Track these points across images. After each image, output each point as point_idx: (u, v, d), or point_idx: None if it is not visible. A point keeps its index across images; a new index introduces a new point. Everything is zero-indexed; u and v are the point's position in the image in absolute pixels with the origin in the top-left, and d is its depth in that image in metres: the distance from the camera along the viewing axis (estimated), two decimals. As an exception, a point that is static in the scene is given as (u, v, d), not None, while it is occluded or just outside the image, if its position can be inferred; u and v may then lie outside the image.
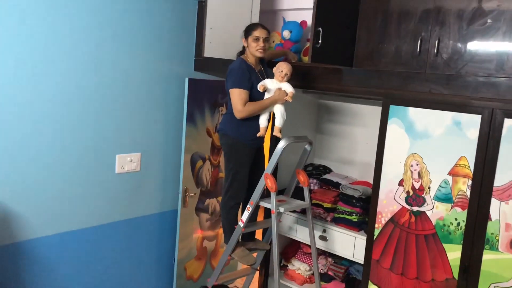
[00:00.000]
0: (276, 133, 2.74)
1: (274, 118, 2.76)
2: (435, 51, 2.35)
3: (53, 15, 2.66)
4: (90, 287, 3.13)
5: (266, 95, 2.70)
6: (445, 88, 2.33)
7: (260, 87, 2.64)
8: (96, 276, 3.16)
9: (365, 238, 2.74)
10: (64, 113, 2.81)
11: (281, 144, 2.65)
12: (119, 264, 3.28)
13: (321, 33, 2.43)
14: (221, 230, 3.68)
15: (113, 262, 3.24)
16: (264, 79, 2.76)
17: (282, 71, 2.67)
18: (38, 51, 2.64)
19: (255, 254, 3.02)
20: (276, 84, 2.69)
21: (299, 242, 3.40)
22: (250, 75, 2.70)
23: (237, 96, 2.65)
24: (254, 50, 2.71)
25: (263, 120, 2.74)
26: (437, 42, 2.34)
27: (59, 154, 2.82)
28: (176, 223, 3.45)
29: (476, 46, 2.24)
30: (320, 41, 2.43)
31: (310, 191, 3.17)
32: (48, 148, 2.77)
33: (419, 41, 2.40)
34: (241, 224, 2.74)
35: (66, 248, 2.95)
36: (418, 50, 2.40)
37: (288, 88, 2.69)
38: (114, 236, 3.21)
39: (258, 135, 2.73)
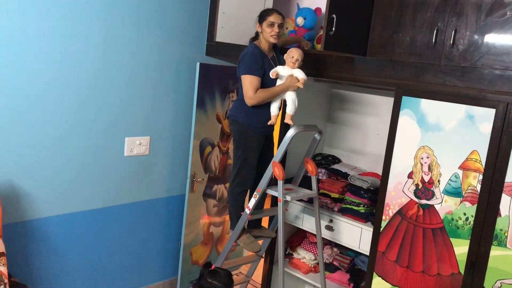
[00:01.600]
0: (288, 120, 2.71)
1: (285, 105, 2.74)
2: (451, 42, 2.30)
3: (65, -5, 2.65)
4: (96, 268, 3.17)
5: (278, 82, 2.67)
6: (460, 80, 2.29)
7: (272, 73, 2.61)
8: (102, 257, 3.19)
9: (371, 229, 2.72)
10: (74, 95, 2.82)
11: (290, 133, 2.63)
12: (125, 246, 3.31)
13: (335, 20, 2.39)
14: (227, 217, 3.68)
15: (120, 244, 3.27)
16: (276, 65, 2.73)
17: (293, 57, 2.64)
18: (49, 33, 2.64)
19: (260, 242, 3.03)
20: (288, 71, 2.66)
21: (305, 231, 3.40)
22: (263, 61, 2.67)
23: (248, 82, 2.62)
24: (269, 35, 2.68)
25: (274, 108, 2.71)
26: (453, 33, 2.29)
27: (69, 135, 2.83)
28: (184, 208, 3.47)
29: (493, 38, 2.19)
30: (333, 29, 2.40)
31: (318, 180, 3.15)
32: (58, 130, 2.78)
33: (435, 32, 2.35)
34: (247, 211, 2.74)
35: (73, 229, 2.98)
36: (433, 40, 2.36)
37: (299, 74, 2.65)
38: (121, 218, 3.23)
39: (269, 123, 2.71)
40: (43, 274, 2.87)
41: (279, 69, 2.66)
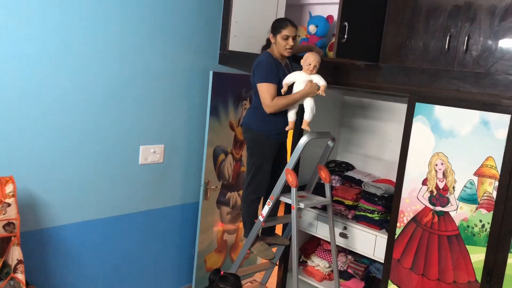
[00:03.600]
0: (305, 126, 2.68)
1: (302, 111, 2.72)
2: (464, 48, 2.29)
3: (79, 4, 2.70)
4: (112, 275, 3.19)
5: (296, 89, 2.64)
6: (474, 86, 2.27)
7: (284, 85, 2.60)
8: (118, 264, 3.21)
9: (386, 236, 2.70)
10: (89, 104, 2.86)
11: (303, 140, 2.63)
12: (140, 253, 3.33)
13: (347, 28, 2.39)
14: (241, 224, 3.69)
15: (134, 252, 3.30)
16: (290, 73, 2.72)
17: (310, 64, 2.59)
18: (65, 42, 2.69)
19: (274, 249, 3.02)
20: (306, 77, 2.62)
21: (319, 239, 3.38)
22: (278, 69, 2.68)
23: (265, 90, 2.63)
24: (283, 49, 2.66)
25: (291, 114, 2.69)
26: (466, 38, 2.28)
27: (85, 144, 2.88)
28: (197, 215, 3.48)
29: (507, 43, 2.17)
30: (346, 36, 2.40)
31: (332, 187, 3.14)
32: (74, 139, 2.82)
33: (448, 38, 2.34)
34: (261, 218, 2.74)
35: (89, 236, 3.01)
36: (446, 46, 2.35)
37: (319, 80, 2.60)
38: (136, 226, 3.26)
39: (287, 128, 2.70)
40: (60, 282, 2.91)
41: (297, 75, 2.63)
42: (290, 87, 2.65)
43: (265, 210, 2.73)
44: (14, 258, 2.28)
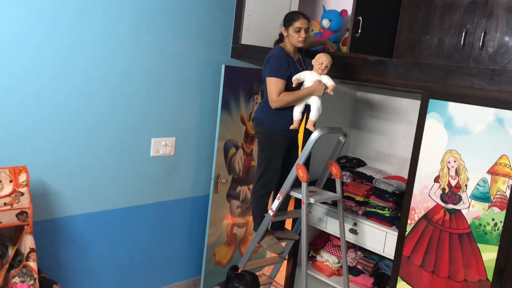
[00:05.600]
0: (310, 126, 2.69)
1: (309, 110, 2.72)
2: (480, 44, 2.26)
3: (94, 0, 2.72)
4: (121, 266, 3.22)
5: (304, 86, 2.66)
6: (489, 83, 2.24)
7: (294, 80, 2.60)
8: (127, 255, 3.24)
9: (396, 233, 2.69)
10: (102, 97, 2.88)
11: (315, 135, 2.62)
12: (150, 245, 3.36)
13: (361, 22, 2.37)
14: (251, 218, 3.70)
15: (145, 243, 3.32)
16: (302, 68, 2.72)
17: (322, 64, 2.62)
18: (79, 36, 2.70)
19: (283, 243, 3.02)
20: (316, 76, 2.64)
21: (329, 234, 3.38)
22: (289, 64, 2.67)
23: (273, 85, 2.63)
24: (296, 41, 2.67)
25: (296, 113, 2.70)
26: (483, 34, 2.25)
27: (97, 136, 2.90)
28: (208, 209, 3.49)
29: (524, 40, 2.14)
30: (359, 31, 2.38)
31: (343, 183, 3.13)
32: (87, 130, 2.85)
33: (463, 34, 2.31)
34: (270, 212, 2.75)
35: (100, 227, 3.04)
36: (462, 42, 2.32)
37: (328, 81, 2.63)
38: (146, 217, 3.29)
39: (291, 127, 2.70)
40: (70, 271, 2.95)
41: (307, 74, 2.64)
42: (300, 85, 2.65)
43: (275, 204, 2.73)
44: (26, 246, 2.31)
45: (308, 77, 2.64)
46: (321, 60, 2.63)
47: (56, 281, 2.57)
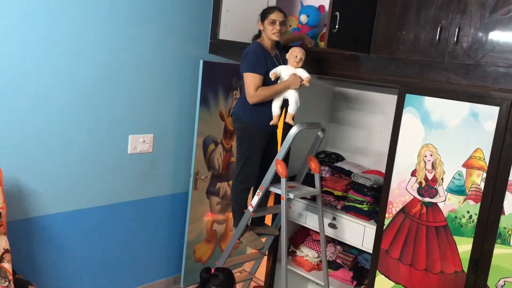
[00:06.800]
0: (289, 119, 2.70)
1: (287, 105, 2.73)
2: (455, 39, 2.29)
3: (69, -7, 2.66)
4: (100, 265, 3.18)
5: (280, 82, 2.66)
6: (464, 78, 2.28)
7: (271, 75, 2.60)
8: (106, 254, 3.20)
9: (374, 227, 2.72)
10: (78, 93, 2.83)
11: (294, 130, 2.62)
12: (129, 243, 3.32)
13: (338, 18, 2.38)
14: (231, 214, 3.69)
15: (123, 242, 3.29)
16: (279, 63, 2.73)
17: (296, 56, 2.64)
18: (52, 31, 2.65)
19: (263, 239, 3.03)
20: (291, 70, 2.66)
21: (308, 229, 3.40)
22: (266, 59, 2.67)
23: (250, 80, 2.62)
24: (271, 33, 2.67)
25: (275, 108, 2.70)
26: (457, 30, 2.28)
27: (73, 133, 2.85)
28: (187, 206, 3.47)
29: (497, 36, 2.17)
30: (337, 26, 2.39)
31: (321, 178, 3.15)
32: (62, 127, 2.79)
33: (439, 29, 2.34)
34: (250, 208, 2.74)
35: (77, 226, 2.99)
36: (437, 38, 2.35)
37: (303, 73, 2.65)
38: (125, 216, 3.25)
39: (271, 123, 2.70)
40: (48, 271, 2.89)
41: (283, 69, 2.65)
42: (277, 80, 2.66)
43: (254, 200, 2.73)
44: (0, 247, 2.26)
45: (284, 71, 2.65)
46: (295, 53, 2.64)
47: (32, 282, 2.53)
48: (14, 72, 2.54)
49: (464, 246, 2.31)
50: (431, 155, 2.41)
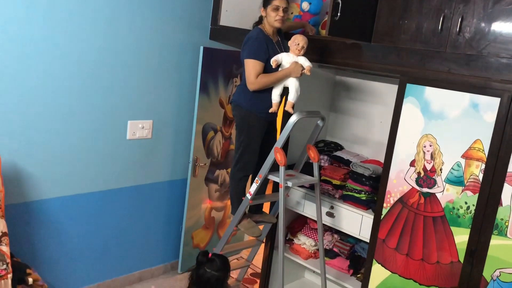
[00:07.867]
0: (289, 108, 2.69)
1: (287, 93, 2.71)
2: (458, 29, 2.27)
3: (69, -25, 2.63)
4: (98, 250, 3.19)
5: (281, 69, 2.64)
6: (465, 68, 2.26)
7: (273, 62, 2.58)
8: (104, 239, 3.21)
9: (372, 216, 2.73)
10: (77, 78, 2.81)
11: (293, 118, 2.61)
12: (127, 229, 3.33)
13: (340, 6, 2.36)
14: (229, 201, 3.70)
15: (121, 227, 3.30)
16: (281, 50, 2.70)
17: (298, 44, 2.61)
18: (52, 16, 2.62)
19: (261, 227, 3.04)
20: (293, 58, 2.64)
21: (306, 217, 3.40)
22: (267, 46, 2.65)
23: (251, 67, 2.60)
24: (273, 20, 2.64)
25: (275, 96, 2.69)
26: (460, 20, 2.26)
27: (72, 118, 2.84)
28: (185, 192, 3.48)
29: (500, 26, 2.16)
30: (339, 14, 2.37)
31: (320, 167, 3.15)
32: (62, 112, 2.78)
33: (441, 19, 2.32)
34: (248, 196, 2.75)
35: (75, 211, 3.00)
36: (439, 27, 2.33)
37: (305, 62, 2.63)
38: (123, 201, 3.25)
39: (270, 111, 2.69)
40: (45, 255, 2.90)
41: (284, 56, 2.63)
42: (278, 67, 2.64)
43: (253, 188, 2.73)
44: (-2, 230, 2.27)
45: (285, 59, 2.63)
46: (297, 40, 2.61)
47: (30, 265, 2.53)
48: (11, 57, 2.52)
49: (461, 237, 2.31)
50: (430, 146, 2.40)
